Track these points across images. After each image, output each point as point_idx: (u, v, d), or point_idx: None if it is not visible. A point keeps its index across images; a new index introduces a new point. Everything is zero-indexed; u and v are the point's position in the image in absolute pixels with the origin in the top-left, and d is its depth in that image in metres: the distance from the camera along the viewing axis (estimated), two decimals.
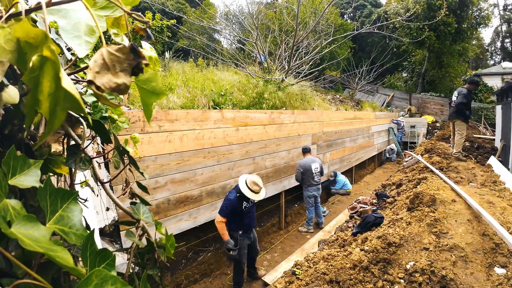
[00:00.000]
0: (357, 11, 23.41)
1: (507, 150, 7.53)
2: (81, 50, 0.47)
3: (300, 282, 2.64)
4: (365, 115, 10.34)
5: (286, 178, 5.65)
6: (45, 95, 0.38)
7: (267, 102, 6.09)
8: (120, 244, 3.00)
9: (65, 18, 0.47)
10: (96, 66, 0.44)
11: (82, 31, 0.48)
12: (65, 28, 0.47)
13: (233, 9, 13.42)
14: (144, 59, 0.47)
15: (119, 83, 0.44)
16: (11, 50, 0.38)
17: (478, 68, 23.27)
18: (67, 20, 0.47)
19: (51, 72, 0.38)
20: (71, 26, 0.47)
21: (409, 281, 2.31)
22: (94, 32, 0.49)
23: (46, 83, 0.38)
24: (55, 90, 0.38)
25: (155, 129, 3.28)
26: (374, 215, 3.61)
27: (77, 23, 0.48)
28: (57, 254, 0.39)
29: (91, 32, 0.48)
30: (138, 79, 0.55)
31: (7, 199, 0.42)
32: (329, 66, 16.44)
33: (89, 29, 0.48)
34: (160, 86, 0.58)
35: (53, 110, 0.39)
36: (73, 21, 0.48)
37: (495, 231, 2.70)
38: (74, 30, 0.47)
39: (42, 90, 0.38)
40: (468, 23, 15.51)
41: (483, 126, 14.21)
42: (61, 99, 0.39)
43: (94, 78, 0.43)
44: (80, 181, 1.10)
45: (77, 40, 0.47)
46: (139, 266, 0.90)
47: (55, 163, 0.74)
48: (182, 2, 19.25)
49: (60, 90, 0.38)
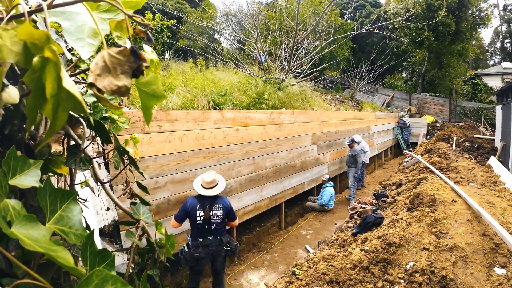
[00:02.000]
0: (356, 11, 23.43)
1: (507, 150, 7.53)
2: (85, 52, 0.47)
3: (300, 282, 2.64)
4: (365, 115, 10.34)
5: (286, 178, 5.65)
6: (47, 96, 0.39)
7: (267, 102, 6.10)
8: (120, 244, 3.00)
9: (69, 20, 0.48)
10: (97, 68, 0.44)
11: (85, 33, 0.48)
12: (68, 30, 0.47)
13: (233, 9, 13.42)
14: (144, 61, 0.47)
15: (119, 86, 0.45)
16: (19, 52, 0.38)
17: (478, 68, 23.26)
18: (71, 22, 0.48)
19: (53, 73, 0.38)
20: (74, 28, 0.48)
21: (409, 281, 2.31)
22: (98, 35, 0.49)
23: (48, 85, 0.38)
24: (57, 91, 0.39)
25: (155, 129, 3.28)
26: (374, 215, 3.61)
27: (81, 25, 0.48)
28: (57, 254, 0.39)
29: (94, 35, 0.49)
30: (139, 82, 0.55)
31: (7, 199, 0.42)
32: (329, 66, 16.46)
33: (93, 31, 0.49)
34: (160, 89, 0.58)
35: (55, 111, 0.40)
36: (77, 23, 0.48)
37: (495, 231, 2.70)
38: (77, 32, 0.48)
39: (44, 91, 0.38)
40: (468, 24, 15.51)
41: (483, 126, 14.22)
42: (63, 100, 0.39)
43: (95, 80, 0.43)
44: (80, 181, 1.10)
45: (80, 42, 0.47)
46: (139, 266, 0.90)
47: (55, 163, 0.74)
48: (182, 2, 19.27)
49: (62, 91, 0.38)
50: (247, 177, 4.63)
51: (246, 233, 5.12)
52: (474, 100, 17.43)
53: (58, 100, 0.39)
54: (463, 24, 15.22)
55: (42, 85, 0.38)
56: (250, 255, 4.68)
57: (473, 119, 15.72)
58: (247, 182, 4.63)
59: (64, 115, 0.40)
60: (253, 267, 4.35)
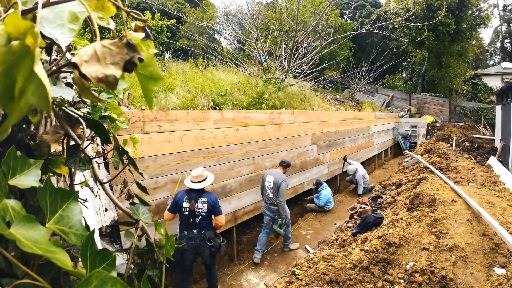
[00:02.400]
0: (356, 11, 23.43)
1: (507, 150, 7.53)
2: (64, 38, 0.45)
3: (300, 282, 2.64)
4: (365, 115, 10.34)
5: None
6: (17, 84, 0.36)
7: (267, 102, 6.09)
8: (120, 245, 3.00)
9: (48, 7, 0.45)
10: (86, 55, 0.41)
11: (65, 18, 0.46)
12: (47, 17, 0.44)
13: (233, 9, 13.42)
14: (138, 54, 0.45)
15: (107, 74, 0.41)
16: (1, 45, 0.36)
17: (477, 68, 23.28)
18: (50, 9, 0.45)
19: (28, 61, 0.35)
20: (54, 14, 0.45)
21: (409, 281, 2.31)
22: (78, 19, 0.47)
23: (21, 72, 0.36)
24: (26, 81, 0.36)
25: (155, 129, 3.28)
26: (374, 215, 3.61)
27: (60, 11, 0.46)
28: (55, 256, 0.39)
29: (75, 19, 0.46)
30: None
31: (6, 199, 0.42)
32: (329, 66, 16.45)
33: (72, 15, 0.46)
34: (157, 70, 0.55)
35: (18, 99, 0.36)
36: (56, 9, 0.46)
37: (495, 231, 2.70)
38: (57, 18, 0.45)
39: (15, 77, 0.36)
40: (467, 24, 15.52)
41: (483, 126, 14.23)
42: (29, 92, 0.36)
43: (81, 64, 0.40)
44: (79, 181, 1.10)
45: (60, 29, 0.45)
46: (138, 266, 0.90)
47: (55, 163, 0.74)
48: (181, 2, 19.27)
49: (32, 82, 0.35)
50: (247, 177, 4.63)
51: (246, 233, 5.12)
52: (474, 100, 17.44)
53: (24, 89, 0.36)
54: (463, 24, 15.23)
55: (13, 72, 0.36)
56: (250, 255, 4.67)
57: (473, 119, 15.73)
58: (247, 182, 4.63)
59: (25, 108, 0.37)
60: (253, 267, 4.35)
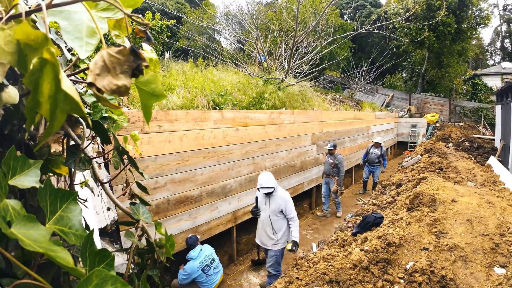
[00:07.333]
0: (357, 11, 23.41)
1: (507, 150, 7.53)
2: (83, 51, 0.47)
3: (300, 282, 2.63)
4: (364, 115, 10.34)
5: (286, 178, 5.65)
6: (45, 97, 0.39)
7: (267, 102, 6.09)
8: (120, 245, 3.00)
9: (67, 20, 0.47)
10: (97, 68, 0.44)
11: (84, 32, 0.48)
12: (66, 29, 0.47)
13: (233, 9, 13.46)
14: (144, 61, 0.47)
15: (119, 85, 0.45)
16: (11, 52, 0.38)
17: (477, 68, 23.26)
18: (69, 22, 0.47)
19: (51, 74, 0.38)
20: (72, 27, 0.47)
21: (409, 281, 2.32)
22: (96, 34, 0.49)
23: (46, 85, 0.38)
24: (55, 93, 0.39)
25: (155, 129, 3.28)
26: (374, 215, 3.61)
27: (78, 24, 0.48)
28: (57, 254, 0.39)
29: (93, 34, 0.49)
30: (138, 81, 0.55)
31: (7, 199, 0.42)
32: (329, 66, 16.46)
33: (91, 30, 0.49)
34: (160, 88, 0.57)
35: (53, 112, 0.40)
36: (75, 22, 0.48)
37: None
38: (75, 31, 0.47)
39: (42, 92, 0.38)
40: (468, 23, 15.52)
41: (483, 126, 14.24)
42: (61, 101, 0.39)
43: (95, 80, 0.43)
44: (80, 182, 1.10)
45: (78, 41, 0.47)
46: (138, 266, 0.90)
47: (55, 163, 0.74)
48: (182, 2, 19.27)
49: (60, 92, 0.38)
50: (247, 177, 4.63)
51: (246, 233, 5.12)
52: (474, 100, 17.44)
53: (56, 102, 0.39)
54: (464, 24, 15.23)
55: (40, 86, 0.38)
56: (250, 255, 4.68)
57: (473, 119, 15.74)
58: (247, 182, 4.63)
59: (62, 116, 0.41)
60: (253, 267, 4.35)
